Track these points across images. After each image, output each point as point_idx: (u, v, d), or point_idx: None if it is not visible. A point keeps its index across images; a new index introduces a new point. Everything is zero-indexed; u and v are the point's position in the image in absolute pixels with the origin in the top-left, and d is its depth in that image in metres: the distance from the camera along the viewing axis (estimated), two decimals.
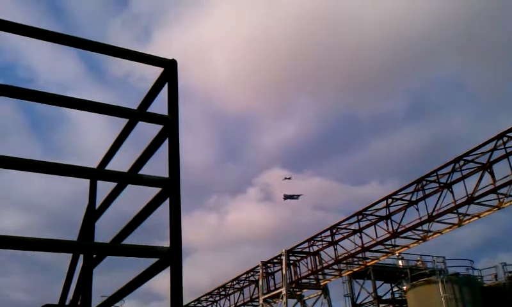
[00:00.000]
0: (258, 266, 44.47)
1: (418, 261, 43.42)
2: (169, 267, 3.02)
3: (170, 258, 2.99)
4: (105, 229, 4.46)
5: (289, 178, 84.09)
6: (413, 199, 32.93)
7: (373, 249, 36.27)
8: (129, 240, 3.63)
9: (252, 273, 46.07)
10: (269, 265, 44.22)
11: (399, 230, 33.60)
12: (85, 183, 4.45)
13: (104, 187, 4.33)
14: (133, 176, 3.52)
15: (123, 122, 3.95)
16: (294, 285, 41.51)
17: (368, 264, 38.51)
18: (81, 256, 4.28)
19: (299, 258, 41.96)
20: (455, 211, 30.64)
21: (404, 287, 39.63)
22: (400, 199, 33.69)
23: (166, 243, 3.09)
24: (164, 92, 3.61)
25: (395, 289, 43.24)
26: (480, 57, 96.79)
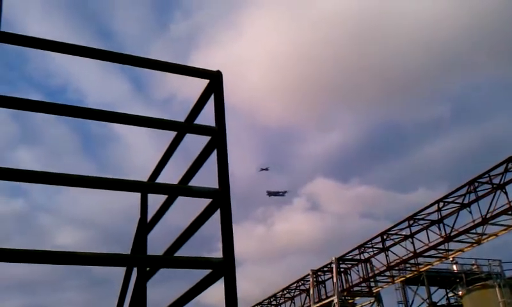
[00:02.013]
0: (308, 275, 44.17)
1: (473, 265, 42.31)
2: (222, 278, 3.04)
3: (224, 269, 3.00)
4: (154, 242, 4.52)
5: (266, 169, 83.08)
6: (466, 201, 32.13)
7: (426, 254, 35.52)
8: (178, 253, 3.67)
9: (302, 282, 45.79)
10: (319, 273, 43.87)
11: (452, 234, 32.82)
12: (136, 197, 4.52)
13: (155, 201, 4.40)
14: (183, 188, 3.55)
15: (168, 137, 4.01)
16: (345, 293, 41.03)
17: (422, 270, 37.70)
18: (135, 269, 4.34)
19: (349, 265, 41.49)
20: (510, 212, 29.73)
21: (460, 292, 38.64)
22: (452, 202, 32.91)
23: (214, 255, 3.10)
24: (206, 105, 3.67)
25: (450, 294, 42.21)
26: None
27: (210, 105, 3.68)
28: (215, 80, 3.59)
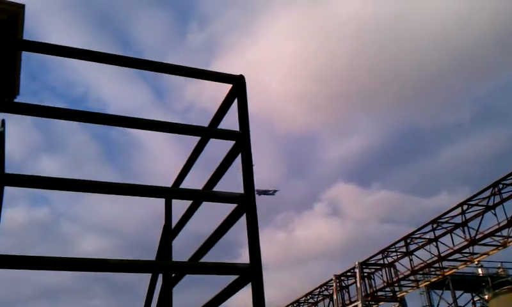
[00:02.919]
0: (331, 280, 43.90)
1: (499, 268, 41.72)
2: (249, 284, 3.02)
3: (251, 274, 2.97)
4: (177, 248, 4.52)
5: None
6: (490, 204, 31.65)
7: (450, 257, 35.05)
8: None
9: (326, 287, 45.53)
10: (342, 278, 43.57)
11: (476, 237, 32.36)
12: (158, 203, 4.52)
13: (179, 206, 4.40)
14: (208, 194, 3.54)
15: (190, 144, 4.00)
16: (369, 298, 40.66)
17: (446, 274, 37.21)
18: (160, 276, 4.34)
19: (373, 270, 41.14)
20: None
21: (486, 296, 38.10)
22: (476, 204, 32.45)
23: (236, 260, 3.08)
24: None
25: (476, 298, 41.63)
26: None
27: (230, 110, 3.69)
28: (238, 84, 3.58)
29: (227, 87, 3.67)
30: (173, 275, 4.23)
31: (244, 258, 3.10)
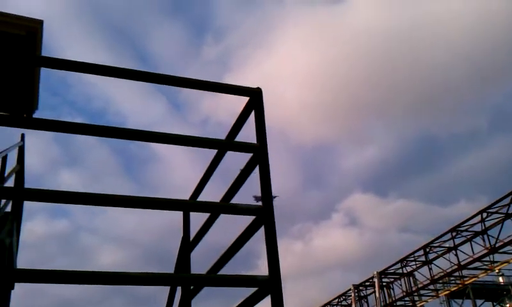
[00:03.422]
0: (349, 290, 43.60)
1: None
2: (268, 296, 3.02)
3: (270, 286, 2.98)
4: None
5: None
6: (510, 211, 31.26)
7: (470, 266, 34.64)
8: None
9: (344, 297, 45.22)
10: (361, 288, 43.25)
11: (497, 245, 31.95)
12: (175, 215, 4.55)
13: (197, 218, 4.42)
14: (226, 206, 3.56)
15: (207, 157, 4.03)
16: None
17: (467, 282, 36.74)
18: (179, 288, 4.35)
19: (392, 279, 40.79)
20: None
21: (507, 305, 37.58)
22: (496, 212, 32.07)
23: (253, 272, 3.10)
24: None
25: None
26: None
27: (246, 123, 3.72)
28: (255, 97, 3.60)
29: (243, 100, 3.69)
30: (192, 287, 4.25)
31: (261, 269, 3.11)
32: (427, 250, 36.94)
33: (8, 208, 7.64)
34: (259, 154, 3.41)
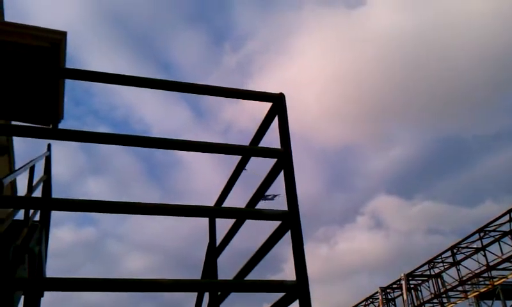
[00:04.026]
0: (376, 292, 43.28)
1: None
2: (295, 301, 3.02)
3: (298, 291, 2.98)
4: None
5: (245, 169, 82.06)
6: None
7: (499, 266, 34.13)
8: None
9: (371, 300, 44.90)
10: (388, 290, 42.89)
11: None
12: (200, 221, 4.57)
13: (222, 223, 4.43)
14: (252, 211, 3.57)
15: (229, 162, 4.04)
16: None
17: (496, 283, 36.16)
18: (207, 293, 4.37)
19: (419, 281, 40.38)
20: None
21: None
22: None
23: (277, 276, 3.10)
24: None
25: None
26: None
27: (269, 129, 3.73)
28: (278, 102, 3.61)
29: (264, 106, 3.70)
30: (219, 293, 4.27)
31: (286, 272, 3.11)
32: (455, 251, 36.51)
33: (36, 217, 7.76)
34: (283, 159, 3.41)
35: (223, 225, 4.33)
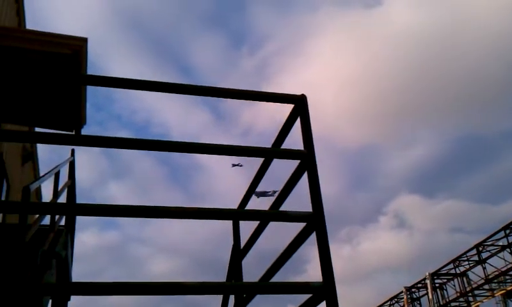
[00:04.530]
0: (401, 292, 42.91)
1: None
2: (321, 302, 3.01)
3: (325, 292, 2.97)
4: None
5: (240, 165, 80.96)
6: None
7: None
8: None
9: (396, 300, 44.52)
10: (413, 290, 42.49)
11: None
12: (222, 223, 4.57)
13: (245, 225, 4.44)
14: (276, 213, 3.56)
15: (250, 164, 4.05)
16: None
17: None
18: (232, 295, 4.38)
19: (445, 280, 39.92)
20: None
21: None
22: None
23: (300, 278, 3.09)
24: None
25: None
26: None
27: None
28: (300, 104, 3.60)
29: (283, 108, 3.70)
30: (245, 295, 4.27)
31: (310, 273, 3.10)
32: (480, 249, 36.03)
33: (62, 222, 7.85)
34: (307, 160, 3.40)
35: (248, 226, 4.33)
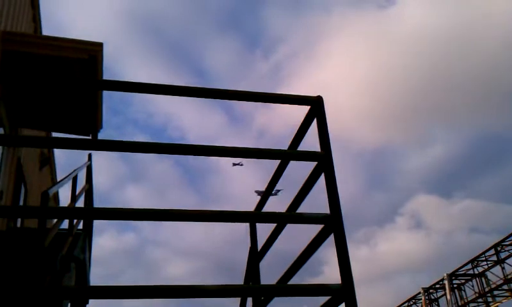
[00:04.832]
0: (419, 293, 42.62)
1: None
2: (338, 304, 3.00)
3: (344, 294, 2.95)
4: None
5: (241, 164, 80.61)
6: None
7: None
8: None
9: (414, 301, 44.23)
10: (431, 291, 42.18)
11: None
12: (239, 226, 4.57)
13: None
14: (293, 215, 3.55)
15: (263, 166, 4.04)
16: None
17: None
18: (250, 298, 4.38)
19: (463, 281, 39.57)
20: None
21: None
22: None
23: (317, 279, 3.07)
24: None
25: None
26: None
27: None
28: (316, 105, 3.59)
29: (297, 111, 3.69)
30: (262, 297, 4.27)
31: (327, 275, 3.10)
32: (499, 249, 35.68)
33: (80, 226, 7.91)
34: (324, 162, 3.39)
35: (265, 228, 4.33)
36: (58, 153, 18.35)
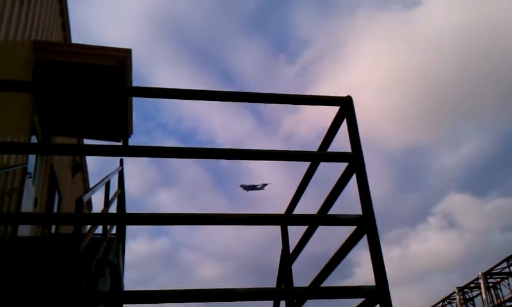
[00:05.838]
0: (453, 293, 42.01)
1: None
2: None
3: (378, 296, 2.93)
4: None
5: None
6: None
7: None
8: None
9: (448, 300, 43.62)
10: (465, 290, 41.54)
11: None
12: (269, 228, 4.56)
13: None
14: (325, 217, 3.53)
15: (292, 167, 4.03)
16: None
17: None
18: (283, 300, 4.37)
19: (499, 279, 38.86)
20: None
21: None
22: None
23: (348, 281, 3.05)
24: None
25: None
26: None
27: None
28: (346, 105, 3.57)
29: (325, 113, 3.68)
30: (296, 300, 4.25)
31: (358, 276, 3.07)
32: None
33: (113, 231, 8.00)
34: (355, 162, 3.36)
35: (296, 230, 4.32)
36: (90, 158, 18.62)
